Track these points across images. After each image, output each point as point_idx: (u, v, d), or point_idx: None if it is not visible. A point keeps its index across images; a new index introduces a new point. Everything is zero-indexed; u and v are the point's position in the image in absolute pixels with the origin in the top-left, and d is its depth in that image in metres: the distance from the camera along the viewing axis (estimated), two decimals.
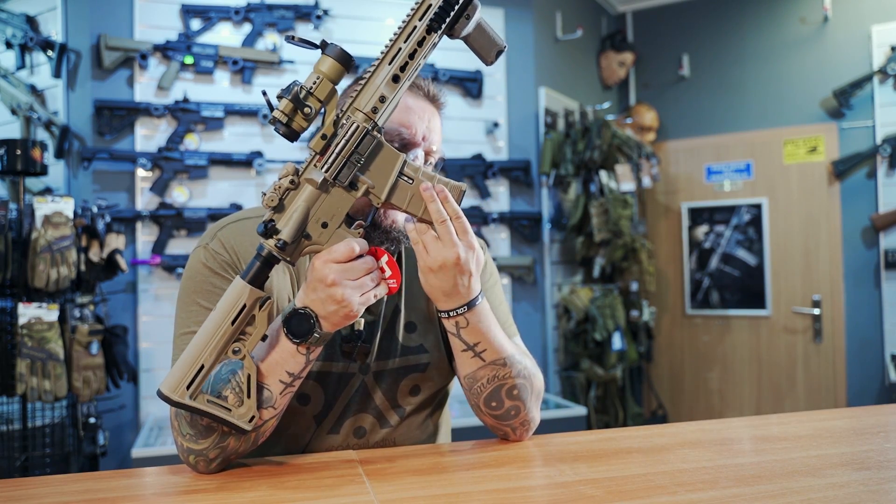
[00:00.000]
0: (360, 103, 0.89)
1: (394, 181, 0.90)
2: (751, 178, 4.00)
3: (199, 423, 0.90)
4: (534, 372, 1.10)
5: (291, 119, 0.86)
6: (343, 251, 0.88)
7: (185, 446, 0.92)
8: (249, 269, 0.89)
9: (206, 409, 0.87)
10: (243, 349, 0.89)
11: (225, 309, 0.88)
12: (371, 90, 0.89)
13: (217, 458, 0.92)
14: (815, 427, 1.10)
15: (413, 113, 1.03)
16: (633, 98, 4.39)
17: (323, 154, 0.89)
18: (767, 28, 3.97)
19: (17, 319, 2.30)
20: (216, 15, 3.01)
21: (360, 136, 0.88)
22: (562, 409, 2.99)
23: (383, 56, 0.89)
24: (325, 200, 0.90)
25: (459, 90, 3.38)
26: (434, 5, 0.88)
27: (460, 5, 0.88)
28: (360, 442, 1.09)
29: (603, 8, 4.34)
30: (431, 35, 0.89)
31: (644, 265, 3.85)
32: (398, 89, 0.89)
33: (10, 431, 2.40)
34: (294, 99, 0.85)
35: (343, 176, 0.89)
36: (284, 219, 0.89)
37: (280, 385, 0.92)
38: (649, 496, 0.79)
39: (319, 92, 0.86)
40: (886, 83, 3.60)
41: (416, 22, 0.88)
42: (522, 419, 1.06)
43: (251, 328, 0.89)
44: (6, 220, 2.32)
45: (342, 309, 0.88)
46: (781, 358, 3.91)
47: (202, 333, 0.89)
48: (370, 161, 0.90)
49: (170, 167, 2.88)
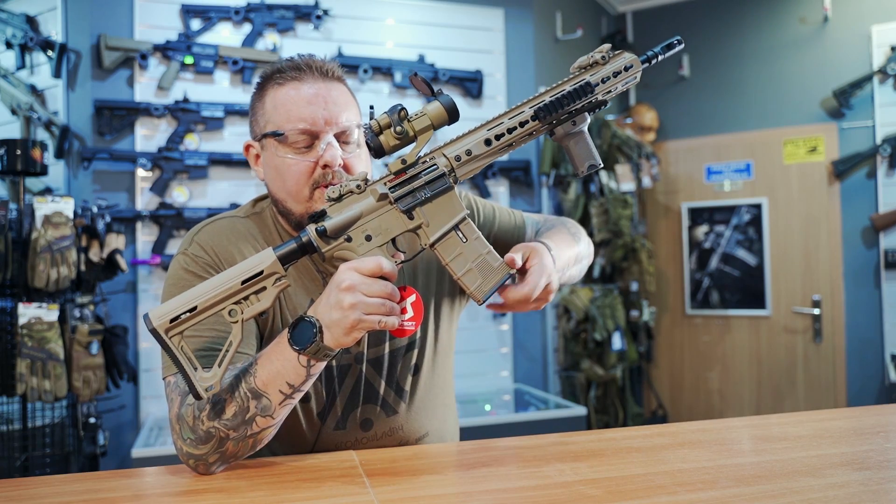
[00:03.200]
0: (448, 150, 0.94)
1: (446, 231, 0.93)
2: (751, 178, 4.00)
3: (199, 428, 0.90)
4: (581, 237, 1.25)
5: (382, 132, 0.90)
6: (370, 265, 0.89)
7: (185, 450, 0.92)
8: (284, 246, 0.91)
9: (174, 350, 0.86)
10: (239, 314, 0.88)
11: (241, 268, 0.89)
12: (463, 143, 0.94)
13: (216, 461, 0.92)
14: (815, 427, 1.10)
15: (307, 103, 1.03)
16: (633, 98, 4.39)
17: (396, 176, 0.93)
18: (767, 28, 3.97)
19: (17, 319, 2.30)
20: (216, 15, 3.01)
21: (436, 174, 0.93)
22: (562, 409, 2.99)
23: (487, 122, 0.95)
24: (379, 216, 0.93)
25: (459, 90, 3.38)
26: (547, 101, 0.93)
27: (570, 110, 0.94)
28: (368, 434, 1.08)
29: (603, 8, 4.34)
30: (535, 123, 0.94)
31: (644, 265, 3.85)
32: (486, 153, 0.94)
33: (11, 431, 2.40)
34: (393, 116, 0.90)
35: (404, 201, 0.92)
36: (336, 213, 0.92)
37: (280, 395, 0.91)
38: (649, 496, 0.79)
39: (417, 123, 0.91)
40: (886, 83, 3.60)
41: (525, 107, 0.95)
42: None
43: (256, 298, 0.89)
44: (6, 220, 2.32)
45: (345, 318, 0.87)
46: (781, 358, 3.91)
47: (208, 282, 0.89)
48: (433, 200, 0.93)
49: (170, 167, 2.88)
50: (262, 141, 1.07)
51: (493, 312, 3.40)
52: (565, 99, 0.93)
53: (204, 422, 0.90)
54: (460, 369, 3.34)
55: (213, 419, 0.90)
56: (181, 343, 0.87)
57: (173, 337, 0.86)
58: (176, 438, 0.93)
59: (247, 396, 0.90)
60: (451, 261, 0.94)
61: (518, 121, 0.94)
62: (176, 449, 0.94)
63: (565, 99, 0.93)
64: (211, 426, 0.90)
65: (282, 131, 1.03)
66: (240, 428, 0.91)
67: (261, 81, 1.09)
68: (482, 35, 3.46)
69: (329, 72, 1.07)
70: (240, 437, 0.92)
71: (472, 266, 0.94)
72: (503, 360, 3.44)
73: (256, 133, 1.08)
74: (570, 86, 0.94)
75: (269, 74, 1.08)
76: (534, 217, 1.29)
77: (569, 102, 0.93)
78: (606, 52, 0.96)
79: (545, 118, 0.94)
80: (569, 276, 1.17)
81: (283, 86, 1.05)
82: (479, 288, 0.94)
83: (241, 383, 0.91)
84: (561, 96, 0.94)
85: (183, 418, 0.92)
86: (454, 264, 0.94)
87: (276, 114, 1.04)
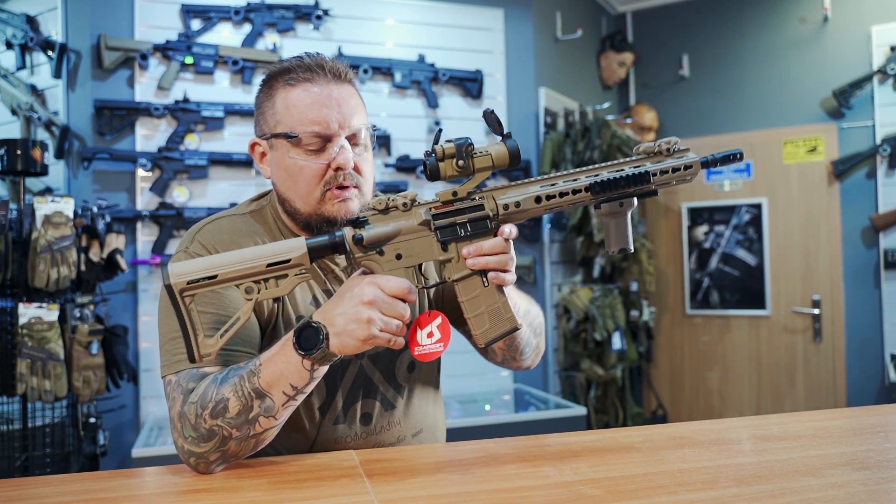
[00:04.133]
0: (499, 196, 0.95)
1: (473, 273, 0.95)
2: (750, 178, 4.00)
3: (201, 426, 0.90)
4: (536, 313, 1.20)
5: (444, 160, 0.92)
6: (396, 286, 0.91)
7: (187, 448, 0.92)
8: (315, 240, 0.92)
9: (184, 311, 0.88)
10: (255, 293, 0.89)
11: (270, 251, 0.90)
12: (515, 193, 0.95)
13: (217, 460, 0.92)
14: (815, 427, 1.10)
15: (320, 106, 1.04)
16: (633, 98, 4.39)
17: (443, 205, 0.95)
18: (767, 28, 3.97)
19: (17, 319, 2.30)
20: (216, 15, 3.01)
21: (481, 215, 0.94)
22: (562, 409, 2.99)
23: (545, 177, 0.96)
24: (416, 238, 0.94)
25: (459, 90, 3.38)
26: (604, 176, 0.94)
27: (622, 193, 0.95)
28: (367, 429, 1.09)
29: (603, 8, 4.34)
30: (586, 194, 0.95)
31: (644, 265, 3.85)
32: (533, 209, 0.95)
33: (11, 431, 2.40)
34: (458, 148, 0.92)
35: (443, 232, 0.94)
36: (378, 224, 0.94)
37: (283, 396, 0.92)
38: (649, 496, 0.79)
39: (479, 161, 0.93)
40: (886, 83, 3.60)
41: (581, 176, 0.95)
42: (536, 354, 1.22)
43: (276, 283, 0.90)
44: (6, 220, 2.32)
45: (359, 331, 0.88)
46: (781, 358, 3.91)
47: (235, 254, 0.90)
48: (470, 240, 0.95)
49: (170, 167, 2.88)
50: (270, 140, 1.07)
51: None
52: (622, 181, 0.94)
53: (206, 420, 0.90)
54: (460, 369, 3.34)
55: (217, 417, 0.90)
56: (191, 305, 0.88)
57: (185, 298, 0.88)
58: (177, 436, 0.93)
59: (251, 396, 0.91)
60: (467, 300, 0.96)
61: (572, 188, 0.95)
62: (177, 447, 0.94)
63: (622, 181, 0.94)
64: (214, 424, 0.90)
65: (295, 133, 1.03)
66: (243, 427, 0.91)
67: (268, 79, 1.09)
68: (482, 35, 3.46)
69: (341, 73, 1.07)
70: (242, 437, 0.92)
71: (485, 311, 0.96)
72: None
73: (265, 132, 1.08)
74: (629, 168, 0.95)
75: (277, 72, 1.07)
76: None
77: (625, 185, 0.94)
78: (673, 145, 0.96)
79: (598, 193, 0.95)
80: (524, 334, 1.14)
81: (294, 87, 1.05)
82: (485, 333, 0.97)
83: (245, 383, 0.91)
84: (619, 177, 0.94)
85: (185, 416, 0.92)
86: (469, 304, 0.96)
87: (289, 115, 1.04)
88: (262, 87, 1.09)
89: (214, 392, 0.92)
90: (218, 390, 0.91)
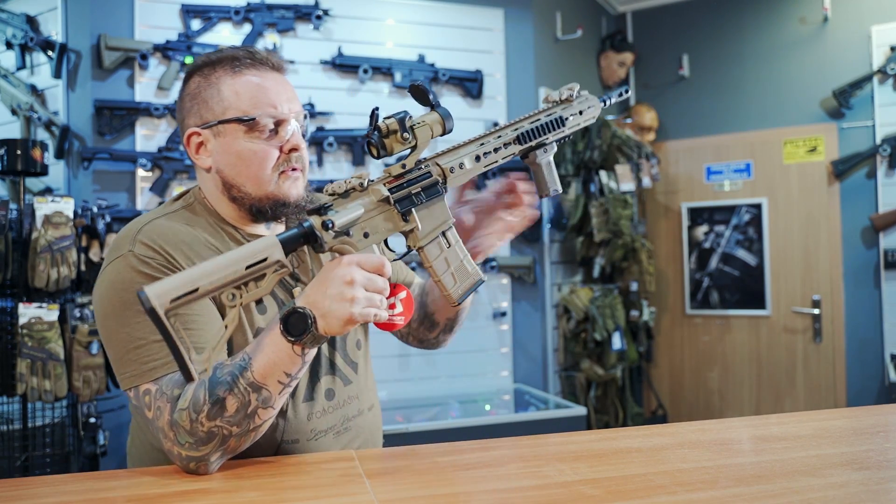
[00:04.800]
0: (443, 160, 1.03)
1: (435, 237, 1.01)
2: (750, 178, 4.00)
3: (198, 431, 0.90)
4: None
5: (389, 135, 0.97)
6: (374, 262, 0.93)
7: (185, 454, 0.91)
8: (286, 234, 0.90)
9: (172, 333, 0.82)
10: (238, 298, 0.87)
11: (246, 253, 0.87)
12: (456, 155, 1.04)
13: (217, 459, 0.93)
14: (815, 427, 1.10)
15: (271, 91, 1.07)
16: (633, 98, 4.39)
17: (395, 178, 0.99)
18: (767, 28, 3.97)
19: (17, 319, 2.30)
20: (216, 15, 3.01)
21: (430, 182, 1.00)
22: (562, 409, 2.99)
23: (475, 138, 1.05)
24: (378, 215, 0.98)
25: (459, 90, 3.38)
26: (527, 129, 1.08)
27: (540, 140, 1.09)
28: (332, 403, 1.12)
29: (603, 8, 4.34)
30: (515, 145, 1.07)
31: (644, 265, 3.85)
32: (474, 168, 1.05)
33: (11, 431, 2.40)
34: (400, 122, 0.97)
35: (402, 204, 0.98)
36: (341, 208, 0.95)
37: (279, 385, 0.92)
38: (649, 496, 0.79)
39: (420, 131, 0.98)
40: (886, 83, 3.60)
41: (508, 130, 1.08)
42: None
43: (255, 284, 0.88)
44: (6, 220, 2.32)
45: (344, 309, 0.89)
46: (781, 358, 3.91)
47: (211, 263, 0.85)
48: (426, 206, 1.00)
49: (170, 167, 2.88)
50: (216, 128, 1.06)
51: (493, 312, 3.40)
52: (542, 129, 1.08)
53: (204, 423, 0.90)
54: (460, 369, 3.34)
55: (215, 418, 0.90)
56: (175, 324, 0.86)
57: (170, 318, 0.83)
58: (171, 445, 0.92)
59: (247, 391, 0.91)
60: (434, 263, 1.01)
61: (503, 142, 1.06)
62: (172, 456, 0.93)
63: (542, 129, 1.08)
64: (213, 426, 0.90)
65: (250, 116, 1.04)
66: (242, 423, 0.91)
67: (200, 68, 1.09)
68: (482, 35, 3.46)
69: (281, 67, 1.12)
70: (242, 432, 0.92)
71: (451, 270, 1.03)
72: (503, 360, 3.44)
73: (207, 120, 1.07)
74: (544, 116, 1.09)
75: (211, 62, 1.08)
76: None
77: (545, 132, 1.08)
78: (576, 91, 1.12)
79: (524, 143, 1.07)
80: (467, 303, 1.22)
81: (240, 73, 1.07)
82: (455, 290, 1.03)
83: (238, 380, 0.91)
84: (540, 126, 1.08)
85: (177, 424, 0.91)
86: (436, 266, 1.01)
87: (239, 100, 1.05)
88: (195, 77, 1.09)
89: (206, 394, 0.90)
90: (210, 392, 0.90)
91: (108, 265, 1.01)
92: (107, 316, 0.99)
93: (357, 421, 1.15)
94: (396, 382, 3.21)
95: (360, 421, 1.16)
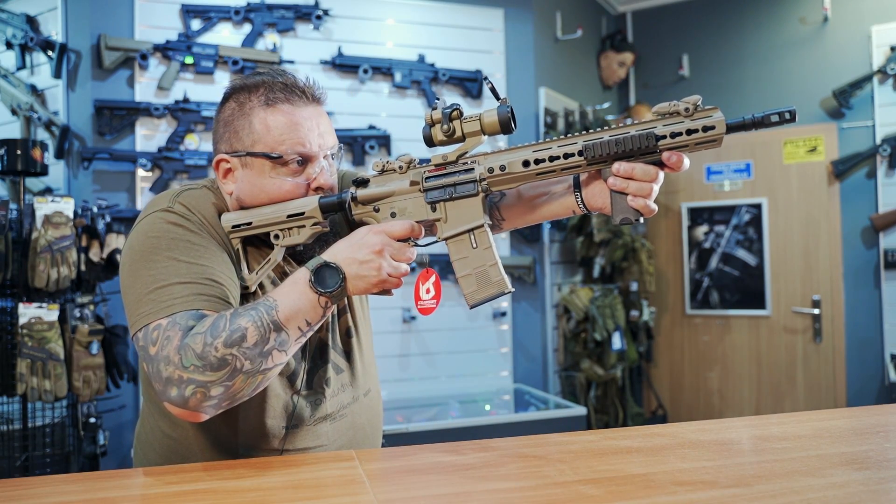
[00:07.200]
0: (487, 159, 1.00)
1: (460, 232, 1.00)
2: (750, 178, 4.00)
3: (210, 355, 0.89)
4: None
5: (433, 126, 0.99)
6: (400, 227, 0.98)
7: (186, 377, 0.89)
8: (328, 198, 1.04)
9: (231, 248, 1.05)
10: (281, 238, 1.05)
11: (290, 206, 1.04)
12: (503, 157, 0.99)
13: (217, 395, 0.91)
14: (815, 427, 1.10)
15: (302, 128, 1.05)
16: (633, 98, 4.39)
17: (435, 168, 1.02)
18: (767, 28, 3.97)
19: (17, 319, 2.30)
20: (216, 15, 3.01)
21: (467, 179, 0.99)
22: (562, 409, 2.99)
23: (536, 143, 0.97)
24: (409, 199, 1.02)
25: (459, 90, 3.38)
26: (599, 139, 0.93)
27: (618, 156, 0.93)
28: (329, 391, 1.14)
29: (603, 8, 4.34)
30: (579, 158, 0.94)
31: (644, 265, 3.85)
32: (521, 173, 0.97)
33: (11, 431, 2.40)
34: (444, 113, 0.97)
35: (431, 194, 1.01)
36: (375, 184, 1.04)
37: (297, 331, 0.95)
38: (649, 496, 0.79)
39: (467, 125, 0.98)
40: (886, 83, 3.60)
41: (579, 139, 0.94)
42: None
43: (297, 231, 1.05)
44: (6, 220, 2.32)
45: (371, 275, 0.96)
46: (781, 358, 3.91)
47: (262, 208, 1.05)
48: (458, 200, 1.00)
49: (170, 167, 2.88)
50: (244, 158, 1.06)
51: (493, 312, 3.40)
52: (619, 143, 0.90)
53: (219, 348, 0.89)
54: (460, 369, 3.34)
55: (232, 346, 0.89)
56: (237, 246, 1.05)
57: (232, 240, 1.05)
58: (172, 371, 0.89)
59: (269, 328, 0.92)
60: (456, 261, 1.01)
61: (563, 151, 0.95)
62: (169, 382, 0.89)
63: (619, 143, 0.90)
64: (228, 353, 0.89)
65: (278, 154, 1.03)
66: (256, 360, 0.91)
67: (236, 93, 1.07)
68: (482, 35, 3.46)
69: (317, 98, 1.09)
70: (252, 371, 0.92)
71: (472, 272, 1.00)
72: (503, 360, 3.44)
73: (237, 149, 1.06)
74: (635, 130, 0.91)
75: (248, 87, 1.07)
76: None
77: (621, 148, 0.90)
78: (694, 104, 0.92)
79: (592, 157, 0.93)
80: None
81: (273, 107, 1.04)
82: (472, 294, 1.01)
83: (263, 315, 0.93)
84: (615, 139, 0.91)
85: (188, 346, 0.90)
86: (457, 265, 1.01)
87: (269, 135, 1.04)
88: (231, 102, 1.08)
89: (227, 323, 0.91)
90: (232, 321, 0.91)
91: (143, 219, 1.03)
92: (134, 261, 0.99)
93: (353, 407, 1.17)
94: (396, 382, 3.21)
95: (355, 407, 1.17)
